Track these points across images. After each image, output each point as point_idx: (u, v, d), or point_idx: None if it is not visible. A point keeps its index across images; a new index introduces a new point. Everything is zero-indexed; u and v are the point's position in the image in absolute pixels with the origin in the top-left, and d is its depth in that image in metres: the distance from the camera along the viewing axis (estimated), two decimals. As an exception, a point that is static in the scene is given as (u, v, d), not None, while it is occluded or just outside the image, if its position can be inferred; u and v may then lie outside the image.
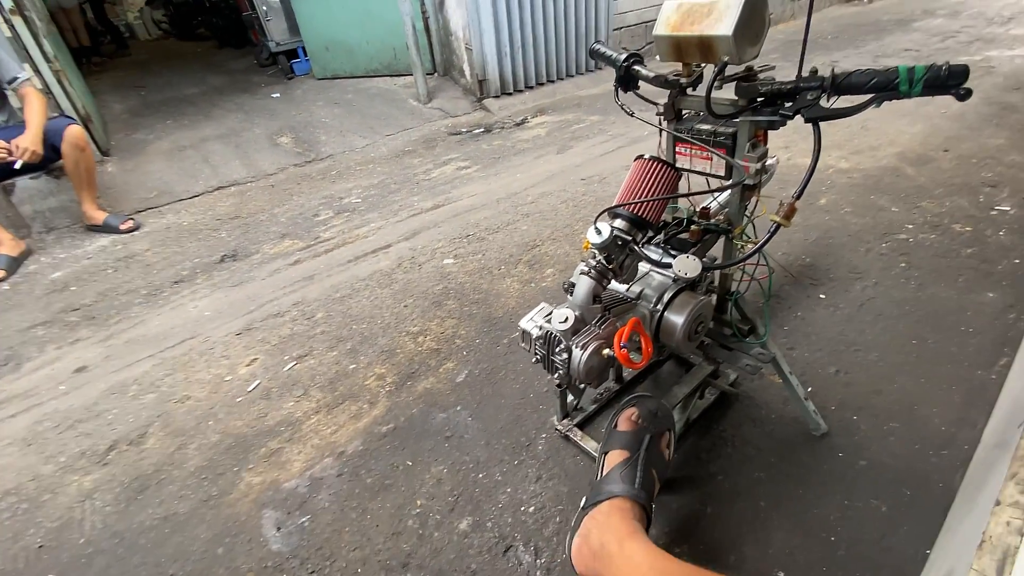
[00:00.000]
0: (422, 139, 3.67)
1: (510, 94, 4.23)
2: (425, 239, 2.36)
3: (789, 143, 2.76)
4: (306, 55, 4.91)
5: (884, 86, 0.83)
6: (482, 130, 3.75)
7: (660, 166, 1.00)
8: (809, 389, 1.35)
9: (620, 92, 1.15)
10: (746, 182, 1.01)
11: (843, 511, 1.10)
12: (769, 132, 1.03)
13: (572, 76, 4.55)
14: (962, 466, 1.16)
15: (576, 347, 0.96)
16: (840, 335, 1.56)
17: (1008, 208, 2.07)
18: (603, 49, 1.21)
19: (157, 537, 1.22)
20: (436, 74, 4.59)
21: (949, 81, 0.80)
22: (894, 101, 0.86)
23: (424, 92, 4.12)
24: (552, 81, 4.45)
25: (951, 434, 1.25)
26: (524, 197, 2.65)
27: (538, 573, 1.06)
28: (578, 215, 2.41)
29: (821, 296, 1.72)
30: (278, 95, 4.56)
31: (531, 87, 4.33)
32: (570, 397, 1.34)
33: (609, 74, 4.49)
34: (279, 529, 1.21)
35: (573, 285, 1.06)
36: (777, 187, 2.07)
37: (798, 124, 0.93)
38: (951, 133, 2.80)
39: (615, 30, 4.72)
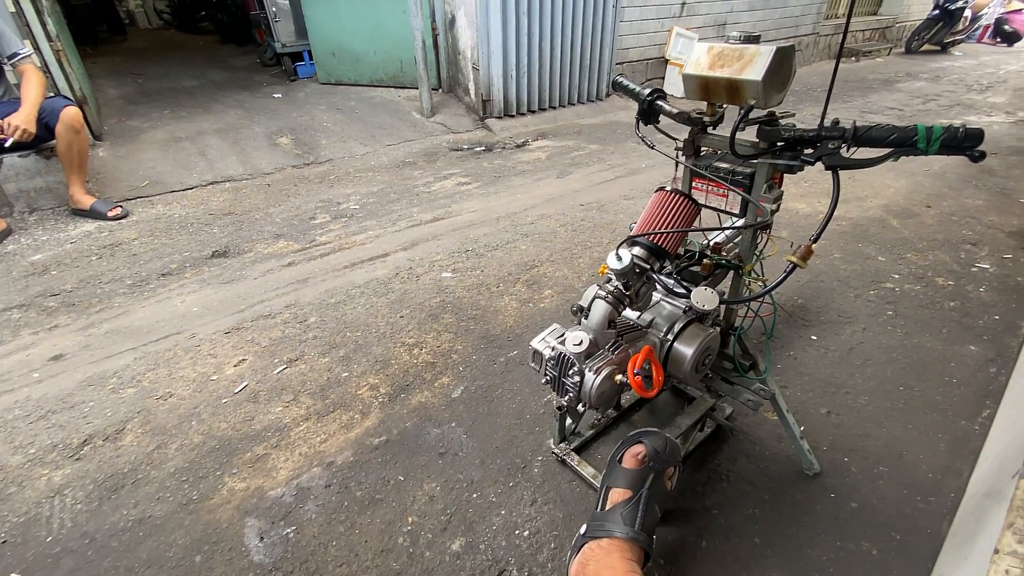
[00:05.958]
0: (423, 152, 3.69)
1: (512, 116, 4.29)
2: (423, 251, 2.35)
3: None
4: (311, 59, 4.92)
5: (903, 142, 0.87)
6: (483, 148, 3.78)
7: (682, 199, 1.03)
8: (802, 428, 1.37)
9: (641, 125, 1.18)
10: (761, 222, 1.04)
11: (835, 552, 1.11)
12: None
13: (573, 104, 4.65)
14: (949, 513, 1.19)
15: (589, 371, 0.96)
16: (831, 377, 1.59)
17: (987, 266, 2.16)
18: (626, 82, 1.24)
19: (131, 540, 1.16)
20: (441, 90, 4.63)
21: (965, 143, 0.84)
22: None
23: (428, 106, 4.15)
24: (554, 107, 4.53)
25: (937, 481, 1.28)
26: (524, 217, 2.67)
27: (531, 599, 1.03)
28: (577, 239, 2.44)
29: (813, 337, 1.76)
30: (280, 95, 4.54)
31: (533, 111, 4.41)
32: (568, 421, 1.34)
33: (610, 105, 4.55)
34: (262, 539, 1.16)
35: (583, 308, 1.07)
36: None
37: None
38: (933, 191, 2.93)
39: (617, 64, 4.85)
